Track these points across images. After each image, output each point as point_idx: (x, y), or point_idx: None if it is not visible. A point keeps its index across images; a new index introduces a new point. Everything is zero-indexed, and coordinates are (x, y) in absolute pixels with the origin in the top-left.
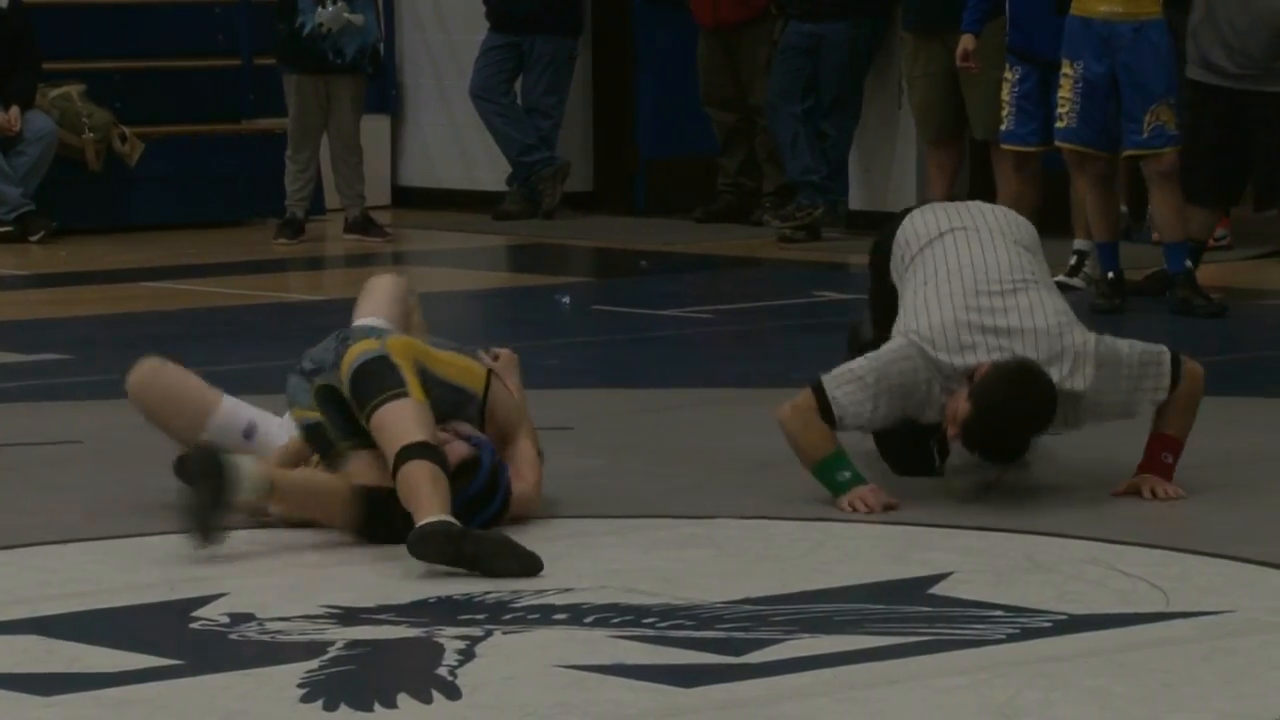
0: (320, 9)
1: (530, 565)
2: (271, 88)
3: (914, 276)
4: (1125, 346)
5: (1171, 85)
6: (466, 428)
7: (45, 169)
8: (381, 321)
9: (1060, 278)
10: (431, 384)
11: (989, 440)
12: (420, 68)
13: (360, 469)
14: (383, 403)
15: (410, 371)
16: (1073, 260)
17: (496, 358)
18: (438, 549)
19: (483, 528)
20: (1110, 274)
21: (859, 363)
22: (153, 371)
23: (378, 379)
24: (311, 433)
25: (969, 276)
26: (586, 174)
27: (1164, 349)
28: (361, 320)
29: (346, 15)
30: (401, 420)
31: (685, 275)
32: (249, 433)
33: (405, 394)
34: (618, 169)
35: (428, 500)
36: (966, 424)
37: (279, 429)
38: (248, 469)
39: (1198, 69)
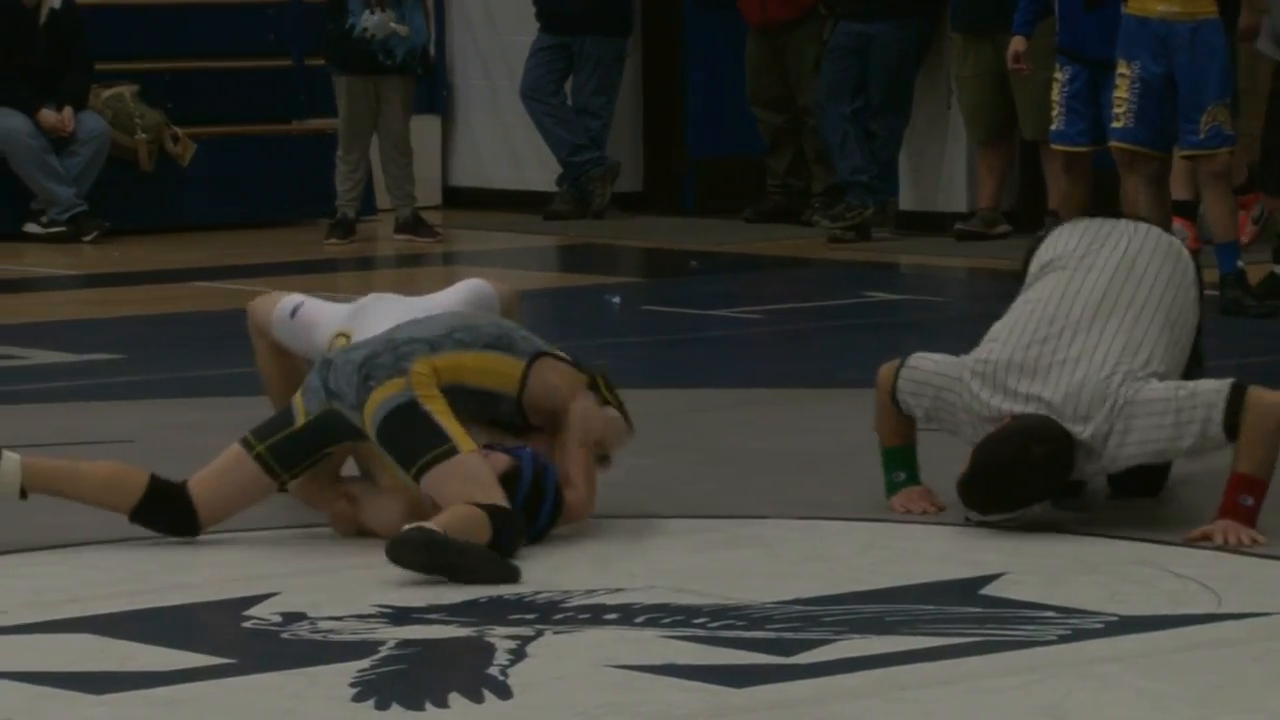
0: (367, 14)
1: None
2: (322, 88)
3: (1022, 295)
4: (1171, 393)
5: (1227, 85)
6: (509, 440)
7: (98, 169)
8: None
9: None
10: (458, 395)
11: (976, 499)
12: (470, 68)
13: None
14: (433, 462)
15: (442, 409)
16: None
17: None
18: (413, 553)
19: (535, 539)
20: None
21: (932, 366)
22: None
23: (415, 434)
24: (288, 415)
25: (1039, 314)
26: (636, 174)
27: (1221, 389)
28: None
29: (393, 24)
30: (461, 481)
31: (734, 275)
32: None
33: (454, 449)
34: (667, 169)
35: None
36: (962, 479)
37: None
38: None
39: (1268, 41)
